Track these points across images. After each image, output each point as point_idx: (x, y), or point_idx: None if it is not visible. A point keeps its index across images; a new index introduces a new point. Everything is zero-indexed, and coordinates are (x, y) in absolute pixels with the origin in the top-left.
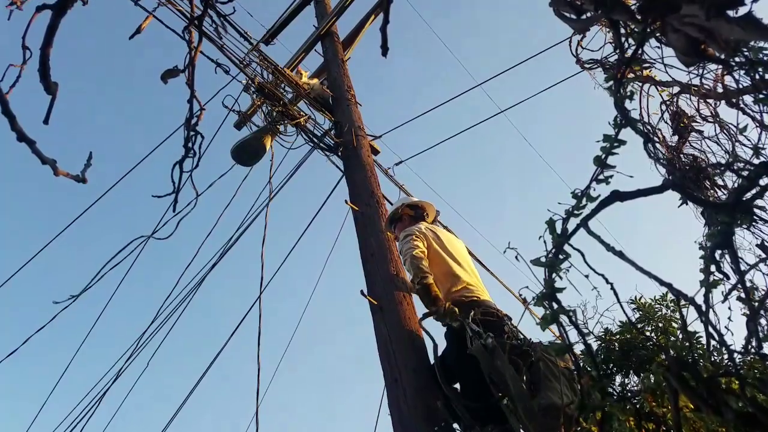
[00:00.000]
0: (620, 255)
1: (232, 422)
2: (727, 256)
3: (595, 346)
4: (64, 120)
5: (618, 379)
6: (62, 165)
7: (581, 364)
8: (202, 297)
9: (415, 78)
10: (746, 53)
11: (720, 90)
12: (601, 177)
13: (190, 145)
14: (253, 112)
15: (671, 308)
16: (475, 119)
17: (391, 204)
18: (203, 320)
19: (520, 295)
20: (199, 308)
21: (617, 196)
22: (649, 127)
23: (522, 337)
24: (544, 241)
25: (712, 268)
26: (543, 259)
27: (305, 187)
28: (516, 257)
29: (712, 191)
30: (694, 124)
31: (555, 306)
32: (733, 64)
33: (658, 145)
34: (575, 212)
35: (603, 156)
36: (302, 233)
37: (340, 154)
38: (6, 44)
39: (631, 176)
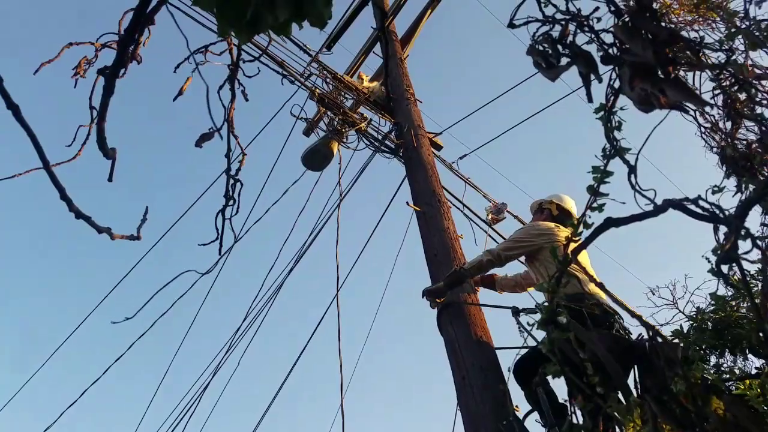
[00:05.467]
0: (600, 286)
1: (317, 417)
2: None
3: (686, 326)
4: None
5: (713, 359)
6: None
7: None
8: (283, 300)
9: (476, 67)
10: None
11: None
12: (594, 205)
13: (230, 194)
14: (319, 119)
15: None
16: (541, 105)
17: (456, 198)
18: (285, 324)
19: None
20: (281, 312)
21: (612, 223)
22: None
23: (631, 335)
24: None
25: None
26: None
27: (372, 187)
28: None
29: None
30: None
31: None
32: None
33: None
34: (573, 239)
35: (595, 185)
36: (371, 235)
37: (401, 154)
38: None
39: (624, 202)
